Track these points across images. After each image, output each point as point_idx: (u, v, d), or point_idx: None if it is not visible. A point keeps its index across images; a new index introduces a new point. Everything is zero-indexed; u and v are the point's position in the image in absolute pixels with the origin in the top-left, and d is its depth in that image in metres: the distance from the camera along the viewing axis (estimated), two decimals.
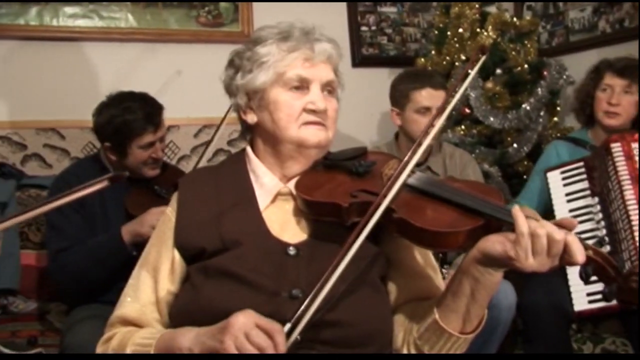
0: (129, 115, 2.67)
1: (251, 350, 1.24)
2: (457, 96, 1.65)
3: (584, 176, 2.86)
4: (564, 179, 2.93)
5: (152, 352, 1.41)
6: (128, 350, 1.46)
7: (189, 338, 1.36)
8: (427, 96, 3.06)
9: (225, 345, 1.25)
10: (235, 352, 1.24)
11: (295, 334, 1.29)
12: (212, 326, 1.33)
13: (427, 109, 3.05)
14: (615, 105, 2.96)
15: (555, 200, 2.91)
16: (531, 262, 1.28)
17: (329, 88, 1.60)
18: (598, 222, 2.75)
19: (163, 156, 2.82)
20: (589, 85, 3.09)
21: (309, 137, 1.56)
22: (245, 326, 1.26)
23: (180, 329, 1.42)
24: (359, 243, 1.34)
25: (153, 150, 2.76)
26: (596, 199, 2.79)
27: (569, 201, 2.87)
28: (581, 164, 2.89)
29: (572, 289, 2.69)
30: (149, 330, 1.51)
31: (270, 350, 1.24)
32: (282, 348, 1.25)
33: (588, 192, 2.82)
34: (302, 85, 1.56)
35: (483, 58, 1.71)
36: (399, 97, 3.14)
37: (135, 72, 3.55)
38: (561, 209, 2.86)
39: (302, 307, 1.31)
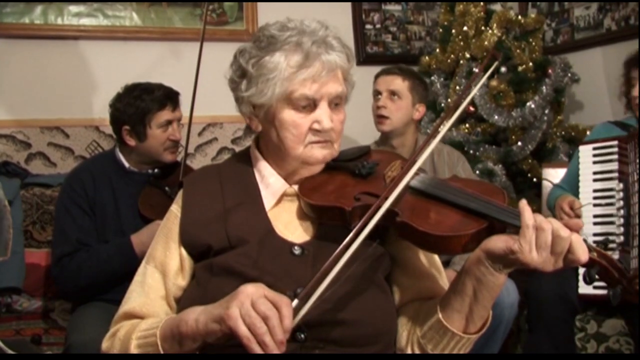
0: (147, 95, 2.76)
1: (254, 316, 1.21)
2: (466, 102, 1.63)
3: (615, 157, 2.77)
4: (594, 155, 2.85)
5: (158, 332, 1.40)
6: (134, 336, 1.45)
7: (196, 311, 1.34)
8: (379, 81, 3.21)
9: (230, 310, 1.23)
10: (237, 317, 1.22)
11: (302, 313, 1.26)
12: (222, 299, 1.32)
13: (378, 92, 3.19)
14: (637, 97, 2.88)
15: (583, 177, 2.84)
16: (534, 256, 1.27)
17: (337, 101, 1.56)
18: (618, 209, 2.68)
19: (180, 138, 2.84)
20: (625, 80, 3.04)
21: (314, 155, 1.54)
22: (253, 295, 1.24)
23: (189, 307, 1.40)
24: (357, 244, 1.32)
25: (171, 132, 2.79)
26: (621, 185, 2.71)
27: (595, 180, 2.79)
28: (615, 142, 2.80)
29: (579, 270, 2.64)
30: (155, 318, 1.50)
31: (275, 319, 1.21)
32: (288, 321, 1.22)
33: (615, 174, 2.74)
34: (309, 104, 1.52)
35: (495, 63, 1.70)
36: None
37: (140, 71, 3.55)
38: (586, 187, 2.80)
39: (309, 287, 1.29)
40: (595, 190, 2.78)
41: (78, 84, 3.63)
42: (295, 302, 1.27)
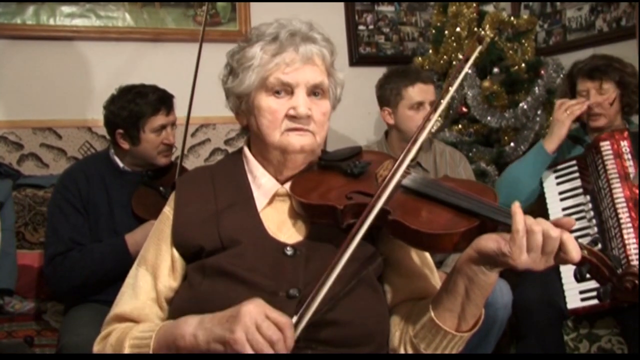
0: (141, 99, 2.75)
1: (261, 342, 1.22)
2: (453, 89, 1.63)
3: (577, 174, 2.88)
4: (557, 177, 2.95)
5: (151, 343, 1.40)
6: (126, 344, 1.45)
7: (192, 324, 1.34)
8: (419, 91, 3.11)
9: (236, 335, 1.24)
10: (245, 343, 1.23)
11: (300, 328, 1.29)
12: (219, 313, 1.32)
13: (421, 104, 3.10)
14: (594, 107, 2.93)
15: (549, 199, 2.92)
16: (525, 259, 1.28)
17: (317, 90, 1.57)
18: (590, 220, 2.76)
19: (174, 142, 2.84)
20: (567, 93, 3.09)
21: (291, 143, 1.54)
22: (257, 317, 1.25)
23: (182, 317, 1.40)
24: (355, 245, 1.34)
25: (165, 136, 2.79)
26: (588, 197, 2.80)
27: (562, 199, 2.88)
28: (574, 162, 2.91)
29: (565, 287, 2.70)
30: (148, 324, 1.50)
31: (280, 344, 1.23)
32: (291, 342, 1.25)
33: (580, 190, 2.84)
34: (285, 90, 1.54)
35: (479, 47, 1.69)
36: (389, 95, 3.16)
37: (133, 72, 3.55)
38: (555, 208, 2.87)
39: (308, 301, 1.30)
40: (564, 209, 2.86)
41: (70, 85, 3.62)
42: (295, 319, 1.29)
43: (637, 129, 2.89)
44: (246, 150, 1.66)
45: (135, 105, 2.73)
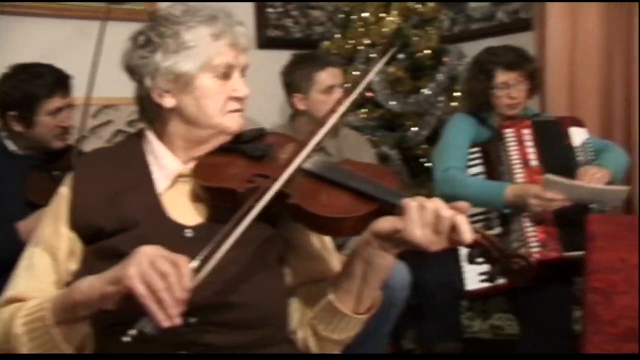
0: (36, 80, 2.62)
1: (153, 275, 1.20)
2: (371, 75, 1.66)
3: (481, 160, 2.96)
4: None
5: (49, 305, 1.36)
6: (19, 317, 1.40)
7: (88, 278, 1.32)
8: (330, 75, 3.16)
9: (127, 271, 1.22)
10: (137, 277, 1.21)
11: (199, 277, 1.26)
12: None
13: (331, 87, 3.14)
14: (515, 97, 3.01)
15: None
16: (419, 233, 1.31)
17: (243, 73, 1.60)
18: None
19: (70, 124, 2.74)
20: (482, 84, 3.06)
21: (233, 124, 1.57)
22: (151, 254, 1.24)
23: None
24: (246, 224, 1.32)
25: (61, 119, 2.68)
26: None
27: None
28: (477, 149, 2.99)
29: (464, 269, 2.79)
30: (42, 298, 1.44)
31: (173, 277, 1.20)
32: (187, 279, 1.22)
33: (484, 176, 2.91)
34: (227, 72, 1.55)
35: (392, 50, 1.74)
36: (300, 81, 3.18)
37: (35, 50, 3.41)
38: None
39: (210, 248, 1.29)
40: None
41: None
42: (195, 263, 1.26)
43: (534, 114, 3.01)
44: (148, 131, 1.64)
45: (30, 86, 2.61)
